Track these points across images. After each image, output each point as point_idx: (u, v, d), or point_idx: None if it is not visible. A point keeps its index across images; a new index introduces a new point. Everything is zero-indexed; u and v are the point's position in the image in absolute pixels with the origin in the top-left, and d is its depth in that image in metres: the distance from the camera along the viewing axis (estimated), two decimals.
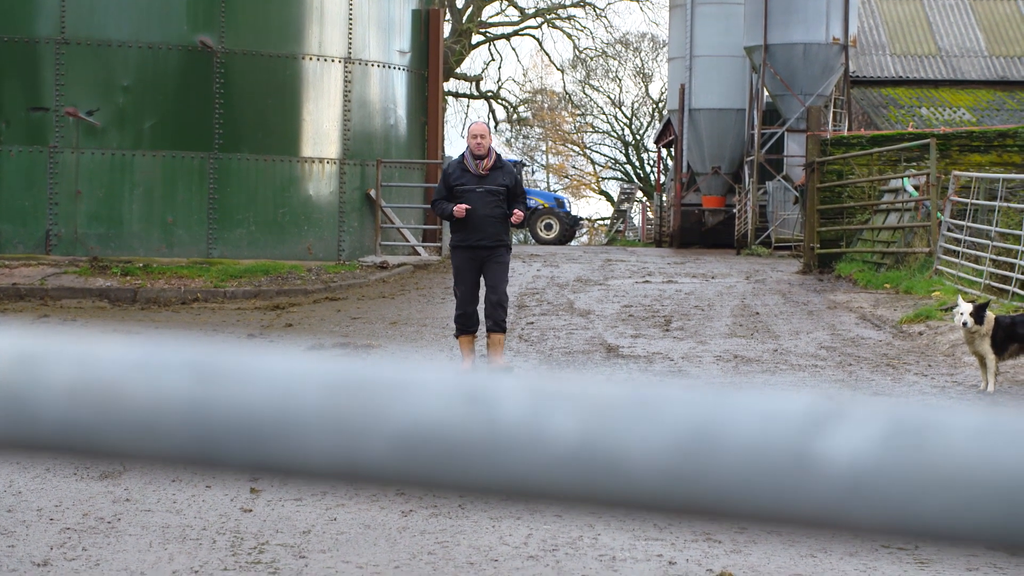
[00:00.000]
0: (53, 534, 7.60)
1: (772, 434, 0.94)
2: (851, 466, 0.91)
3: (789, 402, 0.97)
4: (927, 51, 48.34)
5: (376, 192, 26.83)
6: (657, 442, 0.96)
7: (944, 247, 22.90)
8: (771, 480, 0.92)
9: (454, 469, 0.95)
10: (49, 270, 23.12)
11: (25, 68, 24.42)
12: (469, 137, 13.69)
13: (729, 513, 0.93)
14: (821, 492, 0.91)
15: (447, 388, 0.98)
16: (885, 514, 0.90)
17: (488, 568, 7.19)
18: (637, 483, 0.94)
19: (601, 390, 0.98)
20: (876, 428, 0.93)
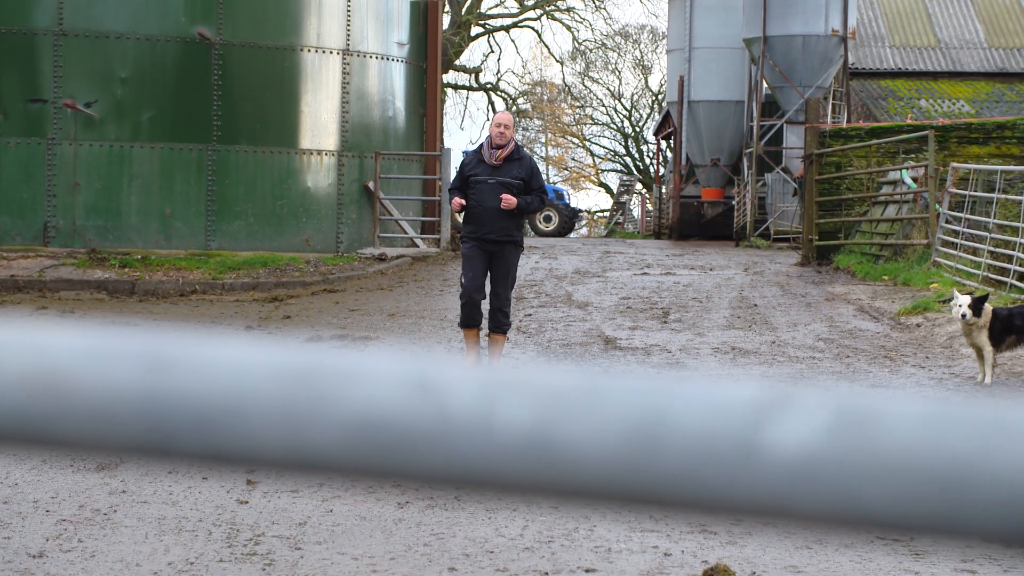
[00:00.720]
0: (49, 526, 7.60)
1: (720, 423, 0.95)
2: (798, 455, 0.92)
3: (737, 392, 0.97)
4: (926, 43, 48.32)
5: (374, 184, 26.82)
6: (606, 431, 0.96)
7: (942, 239, 22.90)
8: (719, 469, 0.92)
9: (405, 458, 0.95)
10: (47, 262, 23.12)
11: (23, 60, 24.40)
12: (493, 125, 13.26)
13: (677, 501, 0.93)
14: (768, 480, 0.91)
15: (398, 377, 0.98)
16: (832, 502, 0.90)
17: (484, 559, 7.20)
18: (586, 472, 0.94)
19: (551, 379, 0.98)
20: (823, 417, 0.93)
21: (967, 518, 0.90)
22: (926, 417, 0.91)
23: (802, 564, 7.22)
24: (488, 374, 0.97)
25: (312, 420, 0.95)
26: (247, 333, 1.11)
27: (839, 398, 0.95)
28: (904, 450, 0.90)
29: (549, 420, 0.95)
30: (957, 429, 0.90)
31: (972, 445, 0.90)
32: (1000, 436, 0.90)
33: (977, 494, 0.90)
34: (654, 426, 0.95)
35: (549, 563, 7.15)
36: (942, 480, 0.89)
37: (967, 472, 0.90)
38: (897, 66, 47.37)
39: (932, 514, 0.90)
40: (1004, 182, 21.43)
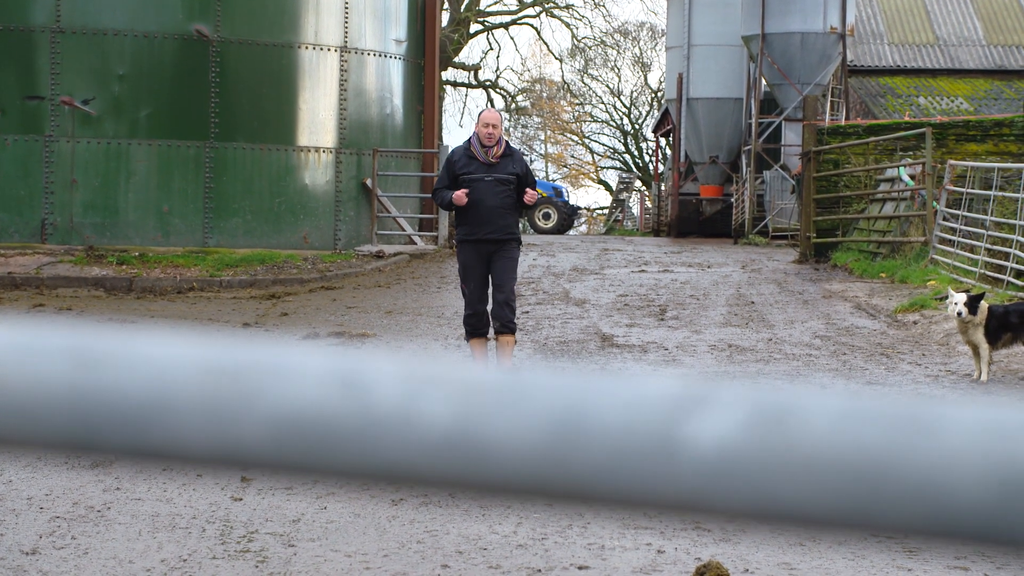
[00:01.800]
0: (43, 523, 7.61)
1: (639, 419, 0.95)
2: (716, 450, 0.92)
3: (656, 387, 0.98)
4: (925, 40, 48.31)
5: (372, 181, 26.82)
6: (527, 427, 0.96)
7: (940, 236, 22.91)
8: (638, 464, 0.93)
9: (329, 453, 0.95)
10: (45, 259, 23.12)
11: (21, 57, 24.40)
12: (480, 125, 12.70)
13: (598, 496, 0.94)
14: (687, 475, 0.92)
15: (322, 373, 0.98)
16: (748, 497, 0.90)
17: (477, 556, 7.20)
18: (507, 467, 0.95)
19: (473, 375, 0.99)
20: (740, 413, 0.93)
21: (881, 513, 0.91)
22: (841, 413, 0.91)
23: (795, 561, 7.22)
24: (410, 369, 0.98)
25: (237, 416, 0.95)
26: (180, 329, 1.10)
27: (757, 394, 0.96)
28: (820, 446, 0.90)
29: (471, 416, 0.96)
30: (872, 425, 0.91)
31: (886, 441, 0.91)
32: (913, 432, 0.91)
33: (891, 489, 0.91)
34: (575, 422, 0.96)
35: (542, 560, 7.16)
36: (857, 475, 0.90)
37: (881, 467, 0.90)
38: (896, 63, 47.36)
39: (846, 509, 0.90)
40: (1001, 179, 21.44)
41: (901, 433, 0.90)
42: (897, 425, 0.90)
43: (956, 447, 0.90)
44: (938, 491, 0.90)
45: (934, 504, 0.90)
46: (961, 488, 0.90)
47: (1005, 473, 0.90)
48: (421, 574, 6.90)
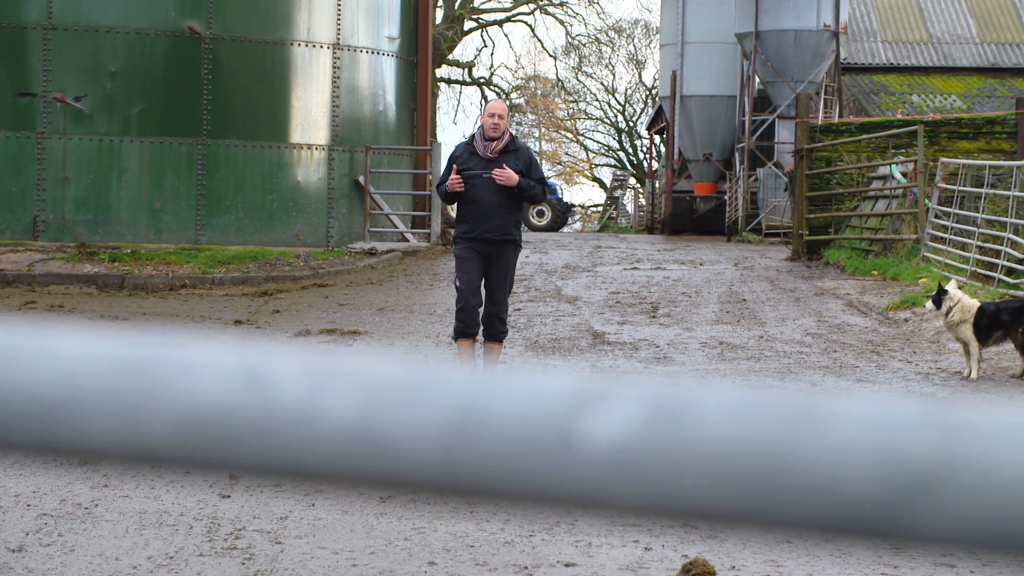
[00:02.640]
0: (30, 520, 7.61)
1: (537, 415, 0.95)
2: (613, 446, 0.92)
3: (555, 383, 0.98)
4: (918, 38, 48.35)
5: (365, 178, 26.82)
6: (428, 422, 0.97)
7: (931, 234, 22.93)
8: (536, 460, 0.93)
9: (232, 449, 0.95)
10: (36, 256, 23.11)
11: (12, 54, 24.38)
12: (485, 116, 12.17)
13: (497, 492, 0.94)
14: (584, 471, 0.92)
15: (226, 369, 0.98)
16: (645, 492, 0.91)
17: (464, 553, 7.21)
18: (408, 462, 0.95)
19: (376, 370, 0.99)
20: (637, 409, 0.94)
21: (773, 508, 0.92)
22: (736, 408, 0.92)
23: (781, 559, 7.23)
24: (314, 364, 0.98)
25: (143, 412, 0.95)
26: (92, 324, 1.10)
27: (653, 389, 0.96)
28: (714, 441, 0.91)
29: (372, 411, 0.96)
30: (765, 420, 0.91)
31: (779, 436, 0.91)
32: (805, 427, 0.91)
33: (783, 484, 0.91)
34: (474, 417, 0.96)
35: (529, 557, 7.16)
36: (750, 470, 0.90)
37: (773, 462, 0.91)
38: (889, 61, 47.39)
39: (740, 503, 0.91)
40: (993, 177, 21.46)
41: (793, 428, 0.91)
42: (790, 420, 0.91)
43: (847, 442, 0.91)
44: (829, 486, 0.91)
45: (825, 499, 0.91)
46: (851, 483, 0.91)
47: (893, 468, 0.91)
48: (408, 571, 6.90)
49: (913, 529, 0.96)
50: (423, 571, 6.92)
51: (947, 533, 0.96)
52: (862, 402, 0.92)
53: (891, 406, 0.91)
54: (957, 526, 0.94)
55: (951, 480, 0.91)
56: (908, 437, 0.90)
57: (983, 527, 0.93)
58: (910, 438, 0.90)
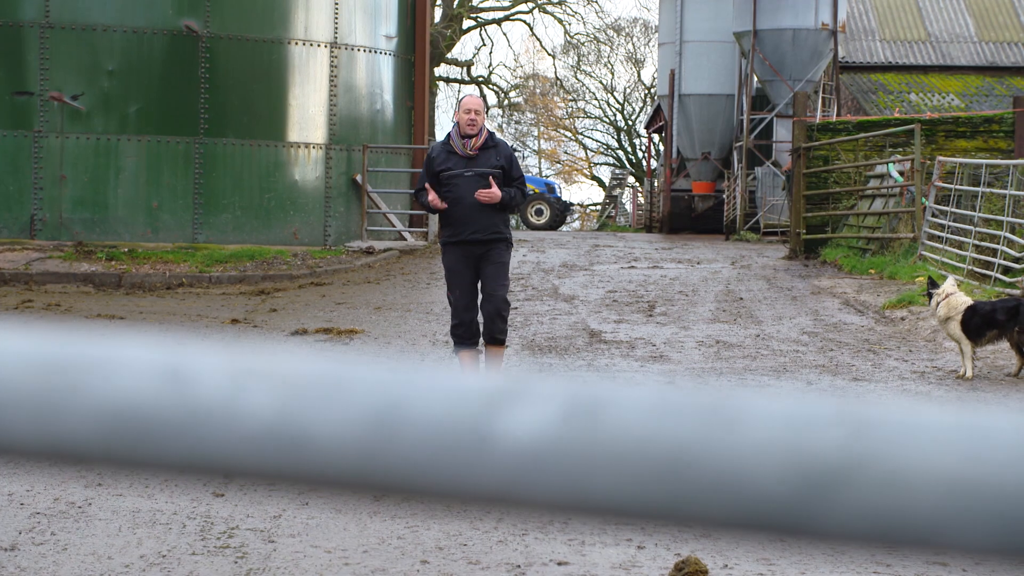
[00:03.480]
0: (23, 519, 7.61)
1: (455, 412, 0.96)
2: (530, 443, 0.93)
3: (473, 381, 0.99)
4: (916, 36, 48.36)
5: (362, 177, 26.82)
6: (347, 420, 0.97)
7: (928, 232, 22.94)
8: (454, 457, 0.94)
9: (154, 447, 0.96)
10: (34, 255, 23.11)
11: (9, 52, 24.37)
12: (460, 112, 11.59)
13: (414, 489, 0.95)
14: (501, 469, 0.93)
15: (147, 366, 0.99)
16: (561, 489, 0.91)
17: (456, 552, 7.21)
18: (328, 460, 0.96)
19: (296, 368, 0.99)
20: (555, 406, 0.94)
21: (688, 505, 0.92)
22: (652, 406, 0.92)
23: (774, 557, 7.24)
24: (235, 362, 0.99)
25: (64, 410, 0.95)
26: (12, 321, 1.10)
27: (570, 387, 0.97)
28: (630, 438, 0.91)
29: (293, 409, 0.96)
30: (680, 418, 0.92)
31: (694, 433, 0.92)
32: (719, 424, 0.92)
33: (697, 481, 0.92)
34: (393, 415, 0.96)
35: (522, 556, 7.17)
36: (665, 467, 0.91)
37: (688, 459, 0.91)
38: (887, 60, 47.40)
39: (655, 500, 0.91)
40: (990, 176, 21.46)
41: (707, 425, 0.91)
42: (704, 417, 0.91)
43: (759, 439, 0.92)
44: (740, 483, 0.92)
45: (736, 496, 0.92)
46: (762, 480, 0.92)
47: (803, 465, 0.91)
48: (400, 570, 6.91)
49: (822, 526, 0.96)
50: (416, 570, 6.92)
51: (855, 530, 0.97)
52: (775, 399, 0.92)
53: (802, 404, 0.92)
54: (865, 523, 0.95)
55: (859, 477, 0.92)
56: (818, 435, 0.91)
57: (890, 524, 0.94)
58: (820, 436, 0.91)
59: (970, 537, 0.97)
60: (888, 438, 0.91)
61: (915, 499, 0.94)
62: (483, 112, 11.73)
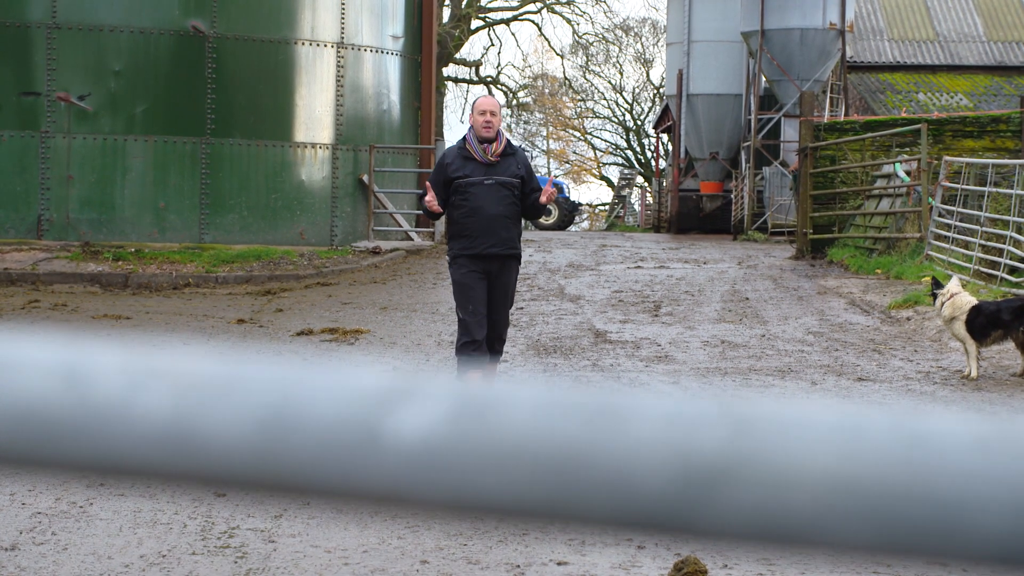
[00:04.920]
0: (24, 518, 7.62)
1: (346, 412, 0.96)
2: (420, 443, 0.93)
3: (365, 380, 0.99)
4: (925, 36, 48.29)
5: (369, 177, 26.83)
6: (241, 420, 0.98)
7: (935, 232, 22.91)
8: (345, 456, 0.94)
9: (50, 448, 0.96)
10: (41, 255, 23.14)
11: (16, 53, 24.41)
12: (475, 114, 10.66)
13: (306, 488, 0.95)
14: (391, 468, 0.93)
15: (45, 366, 0.99)
16: (451, 489, 0.92)
17: (457, 551, 7.22)
18: (223, 460, 0.96)
19: (192, 367, 1.00)
20: (444, 406, 0.94)
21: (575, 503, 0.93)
22: (540, 405, 0.93)
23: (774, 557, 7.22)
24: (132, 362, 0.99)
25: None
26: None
27: (460, 386, 0.97)
28: (519, 437, 0.92)
29: (188, 409, 0.97)
30: (568, 416, 0.92)
31: (581, 432, 0.93)
32: (606, 423, 0.92)
33: (584, 479, 0.92)
34: (286, 414, 0.97)
35: (522, 556, 7.17)
36: (553, 466, 0.91)
37: (575, 458, 0.92)
38: (895, 59, 47.34)
39: (544, 499, 0.92)
40: (996, 176, 21.43)
41: (593, 425, 0.92)
42: (590, 417, 0.92)
43: (643, 438, 0.92)
44: (625, 481, 0.92)
45: (621, 494, 0.92)
46: (646, 479, 0.92)
47: (686, 464, 0.92)
48: (400, 570, 6.91)
49: (704, 524, 0.97)
50: (415, 570, 6.92)
51: (736, 528, 0.97)
52: (659, 399, 0.93)
53: (687, 403, 0.93)
54: (747, 521, 0.96)
55: (741, 476, 0.93)
56: (701, 433, 0.91)
57: (771, 521, 0.94)
58: (703, 434, 0.91)
59: (847, 534, 0.99)
60: (769, 436, 0.92)
61: (795, 497, 0.95)
62: (499, 113, 10.79)
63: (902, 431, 0.94)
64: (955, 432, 0.94)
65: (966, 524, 0.95)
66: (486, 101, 10.82)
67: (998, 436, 0.93)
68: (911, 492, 0.95)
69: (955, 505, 0.94)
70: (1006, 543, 0.95)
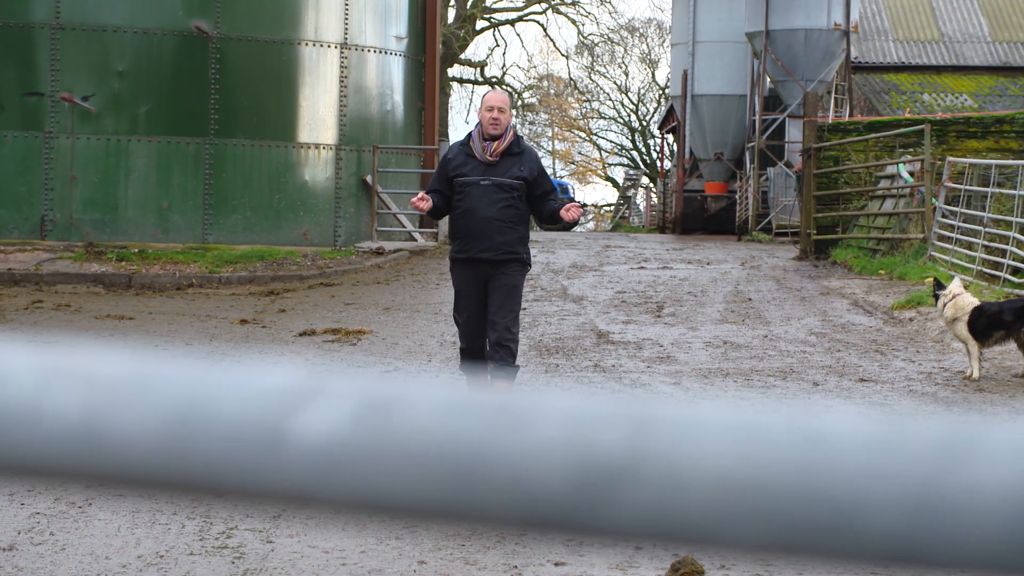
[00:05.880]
0: (23, 519, 7.63)
1: (252, 412, 0.97)
2: (324, 443, 0.94)
3: (271, 380, 0.99)
4: (930, 36, 48.27)
5: (372, 178, 26.84)
6: (150, 419, 0.98)
7: (938, 233, 22.89)
8: (250, 457, 0.94)
9: None
10: (44, 255, 23.16)
11: (20, 53, 24.44)
12: (483, 110, 10.20)
13: (213, 488, 0.95)
14: (296, 468, 0.93)
15: None
16: (356, 489, 0.92)
17: (455, 552, 7.22)
18: (130, 460, 0.96)
19: (101, 367, 1.00)
20: (349, 405, 0.95)
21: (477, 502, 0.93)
22: (443, 405, 0.93)
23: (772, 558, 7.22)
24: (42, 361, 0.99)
25: None
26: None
27: (364, 386, 0.97)
28: (422, 437, 0.92)
29: (96, 409, 0.97)
30: (470, 415, 0.93)
31: (483, 431, 0.93)
32: (508, 423, 0.93)
33: (486, 479, 0.93)
34: (193, 415, 0.97)
35: (519, 557, 7.17)
36: (455, 466, 0.92)
37: (477, 458, 0.92)
38: (900, 60, 47.32)
39: (446, 498, 0.92)
40: (1000, 176, 21.42)
41: (497, 425, 0.92)
42: (493, 417, 0.92)
43: (544, 438, 0.92)
44: (526, 480, 0.93)
45: (522, 493, 0.93)
46: (546, 477, 0.92)
47: (585, 463, 0.92)
48: (397, 570, 6.92)
49: (602, 522, 0.97)
50: (412, 570, 6.93)
51: (636, 527, 0.98)
52: (560, 399, 0.93)
53: (588, 402, 0.93)
54: (645, 520, 0.96)
55: (638, 475, 0.93)
56: (601, 433, 0.92)
57: (669, 520, 0.95)
58: (602, 434, 0.92)
59: (743, 533, 0.99)
60: (667, 436, 0.93)
61: (691, 496, 0.95)
62: (508, 109, 10.27)
63: (797, 431, 0.95)
64: (849, 432, 0.94)
65: (858, 523, 0.96)
66: (494, 96, 10.40)
67: (890, 435, 0.94)
68: (805, 491, 0.95)
69: (848, 504, 0.95)
70: (896, 541, 0.95)
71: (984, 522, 0.93)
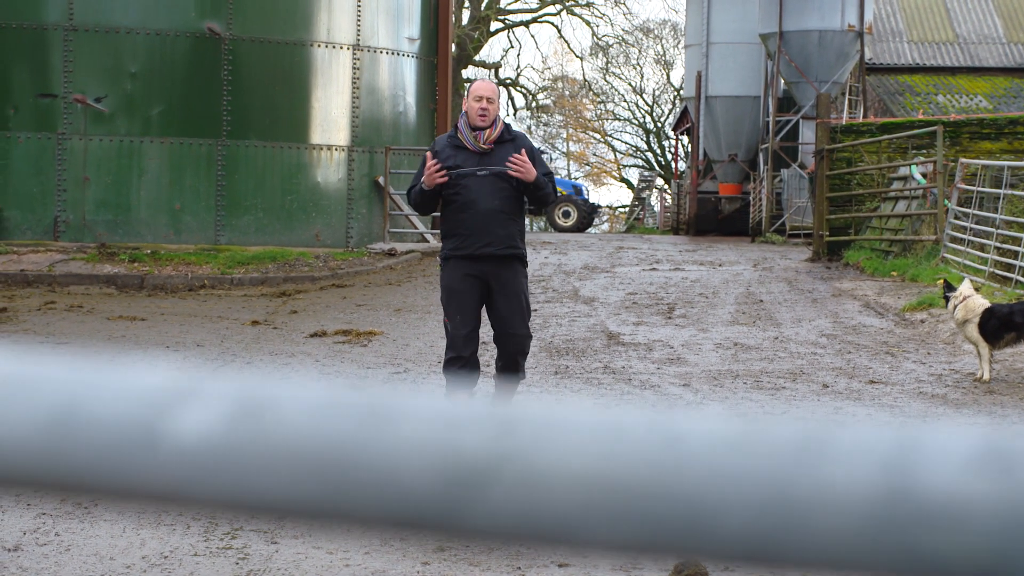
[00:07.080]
0: (28, 519, 7.65)
1: (127, 413, 0.97)
2: (198, 443, 0.94)
3: (147, 380, 1.00)
4: (944, 38, 48.18)
5: (385, 179, 26.86)
6: (25, 420, 0.99)
7: (951, 235, 22.85)
8: (125, 458, 0.95)
9: None
10: (57, 256, 23.22)
11: (33, 55, 24.50)
12: (470, 99, 9.53)
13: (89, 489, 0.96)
14: (170, 469, 0.94)
15: None
16: (230, 489, 0.92)
17: (459, 553, 7.23)
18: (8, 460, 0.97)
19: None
20: (223, 406, 0.95)
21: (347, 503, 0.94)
22: (314, 405, 0.94)
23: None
24: None
25: None
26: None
27: (238, 387, 0.98)
28: (295, 438, 0.93)
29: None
30: (342, 416, 0.93)
31: (354, 432, 0.94)
32: (376, 423, 0.93)
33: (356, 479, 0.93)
34: (69, 415, 0.98)
35: (523, 558, 7.18)
36: (327, 467, 0.92)
37: (348, 459, 0.93)
38: (915, 61, 47.24)
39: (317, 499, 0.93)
40: (1013, 178, 21.38)
41: (365, 425, 0.93)
42: (362, 417, 0.93)
43: (413, 438, 0.93)
44: (394, 481, 0.93)
45: (390, 494, 0.94)
46: (413, 478, 0.93)
47: (451, 463, 0.93)
48: (401, 571, 6.93)
49: (467, 523, 0.98)
50: (416, 571, 6.93)
51: (502, 527, 0.98)
52: (430, 399, 0.94)
53: (455, 403, 0.94)
54: (510, 520, 0.97)
55: (503, 475, 0.94)
56: (468, 433, 0.92)
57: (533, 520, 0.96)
58: (469, 434, 0.92)
59: (604, 532, 1.00)
60: (531, 436, 0.93)
61: (555, 495, 0.96)
62: (497, 100, 9.61)
63: (659, 431, 0.96)
64: (707, 432, 0.95)
65: (715, 522, 0.97)
66: (483, 86, 9.71)
67: (749, 436, 0.94)
68: (665, 491, 0.97)
69: (705, 504, 0.96)
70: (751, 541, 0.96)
71: (834, 521, 0.94)
